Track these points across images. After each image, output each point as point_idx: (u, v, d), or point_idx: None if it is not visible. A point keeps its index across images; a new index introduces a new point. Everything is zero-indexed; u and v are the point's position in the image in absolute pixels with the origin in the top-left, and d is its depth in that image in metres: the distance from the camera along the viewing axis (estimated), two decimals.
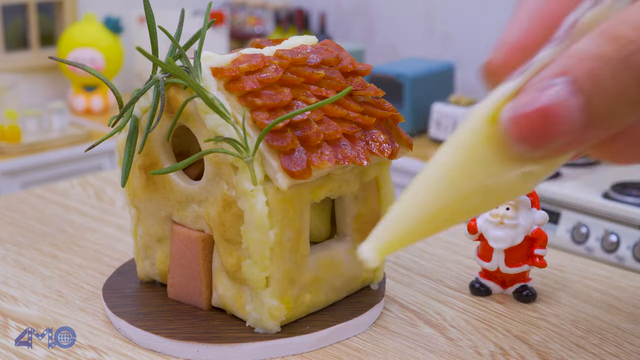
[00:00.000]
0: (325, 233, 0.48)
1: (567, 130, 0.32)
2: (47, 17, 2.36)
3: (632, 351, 0.44)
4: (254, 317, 0.44)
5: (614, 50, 0.31)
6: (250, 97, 0.42)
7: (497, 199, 0.34)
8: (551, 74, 0.32)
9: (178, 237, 0.47)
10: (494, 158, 0.33)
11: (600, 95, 0.31)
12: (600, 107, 0.31)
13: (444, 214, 0.34)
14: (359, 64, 0.48)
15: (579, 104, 0.31)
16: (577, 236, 1.37)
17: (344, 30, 2.51)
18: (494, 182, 0.34)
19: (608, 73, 0.31)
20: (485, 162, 0.33)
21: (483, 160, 0.33)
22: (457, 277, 0.53)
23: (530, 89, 0.32)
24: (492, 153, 0.33)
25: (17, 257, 0.57)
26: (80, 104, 2.22)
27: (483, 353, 0.44)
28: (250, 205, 0.42)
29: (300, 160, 0.42)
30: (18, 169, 1.88)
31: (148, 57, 0.41)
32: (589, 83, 0.31)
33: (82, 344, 0.45)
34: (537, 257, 0.49)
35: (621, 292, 0.51)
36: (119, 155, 0.47)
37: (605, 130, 0.33)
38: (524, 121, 0.32)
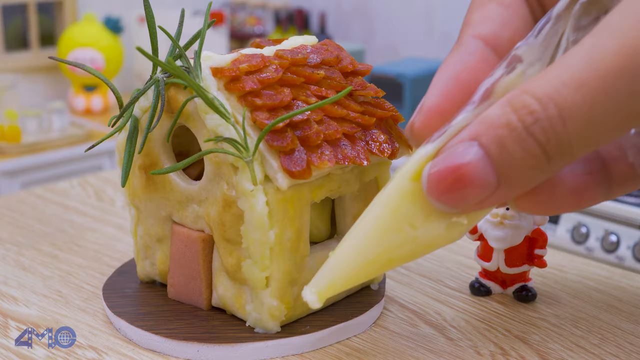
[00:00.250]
0: (325, 233, 0.48)
1: (479, 190, 0.35)
2: (47, 17, 2.36)
3: (632, 351, 0.44)
4: (254, 317, 0.44)
5: (518, 120, 0.33)
6: (250, 97, 0.42)
7: (427, 248, 0.38)
8: (463, 139, 0.35)
9: (178, 237, 0.47)
10: (418, 212, 0.37)
11: (507, 160, 0.34)
12: (508, 170, 0.34)
13: (378, 261, 0.38)
14: (359, 64, 0.48)
15: (488, 167, 0.34)
16: (577, 236, 1.37)
17: (344, 30, 2.51)
18: (422, 233, 0.37)
19: (513, 140, 0.33)
20: (411, 216, 0.37)
21: (409, 215, 0.37)
22: (457, 277, 0.53)
23: (446, 151, 0.35)
24: (416, 208, 0.37)
25: (17, 257, 0.57)
26: (80, 104, 2.22)
27: (483, 353, 0.44)
28: (250, 205, 0.42)
29: (300, 160, 0.42)
30: (18, 169, 1.88)
31: (148, 57, 0.41)
32: (495, 149, 0.34)
33: (82, 344, 0.45)
34: (537, 257, 0.49)
35: (621, 292, 0.51)
36: (119, 155, 0.47)
37: (517, 190, 0.36)
38: (439, 180, 0.35)
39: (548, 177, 0.35)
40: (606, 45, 0.32)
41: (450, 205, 0.36)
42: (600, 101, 0.32)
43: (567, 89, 0.32)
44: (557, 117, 0.32)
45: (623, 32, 0.31)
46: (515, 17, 0.39)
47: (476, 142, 0.34)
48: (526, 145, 0.33)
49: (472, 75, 0.38)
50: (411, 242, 0.37)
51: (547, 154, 0.34)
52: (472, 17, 0.39)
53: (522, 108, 0.33)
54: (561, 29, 0.37)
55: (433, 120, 0.37)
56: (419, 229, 0.37)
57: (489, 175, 0.34)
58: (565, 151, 0.33)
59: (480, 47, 0.38)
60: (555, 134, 0.33)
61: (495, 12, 0.39)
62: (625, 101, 0.32)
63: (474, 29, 0.39)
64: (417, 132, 0.38)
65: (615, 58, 0.31)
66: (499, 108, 0.34)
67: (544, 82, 0.33)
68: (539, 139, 0.33)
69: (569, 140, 0.33)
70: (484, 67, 0.38)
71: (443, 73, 0.38)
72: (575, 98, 0.32)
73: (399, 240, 0.37)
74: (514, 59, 0.37)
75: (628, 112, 0.32)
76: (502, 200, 0.36)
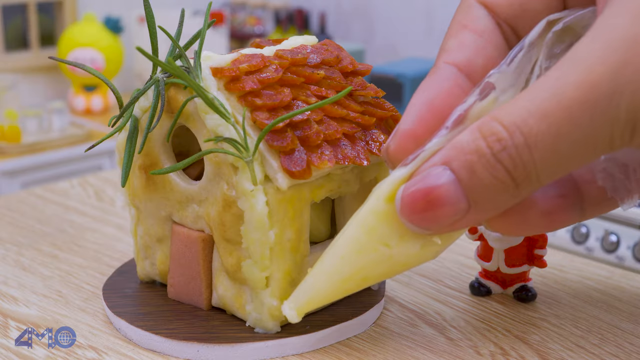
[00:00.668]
0: (325, 233, 0.48)
1: (450, 213, 0.36)
2: (47, 17, 2.36)
3: (632, 351, 0.44)
4: (254, 317, 0.44)
5: (486, 146, 0.34)
6: (250, 97, 0.42)
7: (403, 266, 0.39)
8: (435, 163, 0.36)
9: (178, 237, 0.47)
10: (393, 233, 0.38)
11: (477, 185, 0.35)
12: (478, 195, 0.36)
13: (355, 279, 0.40)
14: (359, 64, 0.48)
15: (458, 191, 0.36)
16: (577, 236, 1.37)
17: (344, 30, 2.51)
18: (397, 252, 0.39)
19: (482, 166, 0.35)
20: (386, 236, 0.38)
21: (384, 235, 0.38)
22: (457, 277, 0.53)
23: (419, 174, 0.37)
24: (391, 229, 0.38)
25: (17, 257, 0.57)
26: (80, 104, 2.22)
27: (483, 353, 0.44)
28: (250, 205, 0.42)
29: (300, 160, 0.42)
30: (18, 169, 1.88)
31: (148, 57, 0.41)
32: (465, 174, 0.35)
33: (82, 344, 0.45)
34: (537, 257, 0.49)
35: (621, 292, 0.51)
36: (119, 155, 0.47)
37: (488, 213, 0.37)
38: (412, 203, 0.37)
39: (518, 201, 0.36)
40: (570, 78, 0.33)
41: (423, 226, 0.37)
42: (565, 131, 0.33)
43: (533, 118, 0.33)
44: (523, 145, 0.34)
45: (587, 66, 0.33)
46: (489, 44, 0.40)
47: (447, 166, 0.36)
48: (494, 172, 0.35)
49: (446, 101, 0.39)
50: (387, 260, 0.39)
51: (514, 180, 0.35)
52: (447, 44, 0.40)
53: (490, 135, 0.34)
54: (534, 56, 0.39)
55: (407, 144, 0.38)
56: (393, 248, 0.39)
57: (459, 198, 0.36)
58: (532, 178, 0.35)
59: (454, 73, 0.39)
60: (522, 162, 0.34)
61: (469, 40, 0.40)
62: (588, 132, 0.33)
63: (449, 55, 0.40)
64: (392, 155, 0.39)
65: (578, 91, 0.33)
66: (470, 134, 0.35)
67: (511, 110, 0.34)
68: (507, 165, 0.34)
69: (535, 168, 0.34)
70: (458, 93, 0.39)
71: (417, 98, 0.39)
72: (541, 127, 0.33)
73: (374, 259, 0.39)
74: (486, 86, 0.38)
75: (591, 142, 0.33)
76: (475, 223, 0.37)
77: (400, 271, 0.40)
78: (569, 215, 0.40)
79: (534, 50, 0.38)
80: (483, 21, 0.40)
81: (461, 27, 0.40)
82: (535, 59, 0.38)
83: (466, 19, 0.40)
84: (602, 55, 0.33)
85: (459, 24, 0.40)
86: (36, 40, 2.29)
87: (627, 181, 0.39)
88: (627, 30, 0.33)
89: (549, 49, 0.38)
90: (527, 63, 0.38)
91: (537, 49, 0.38)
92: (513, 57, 0.38)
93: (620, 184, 0.39)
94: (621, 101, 0.32)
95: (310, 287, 0.40)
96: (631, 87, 0.32)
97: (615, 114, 0.33)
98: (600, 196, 0.40)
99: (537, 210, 0.39)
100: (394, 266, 0.39)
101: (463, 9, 0.41)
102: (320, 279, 0.40)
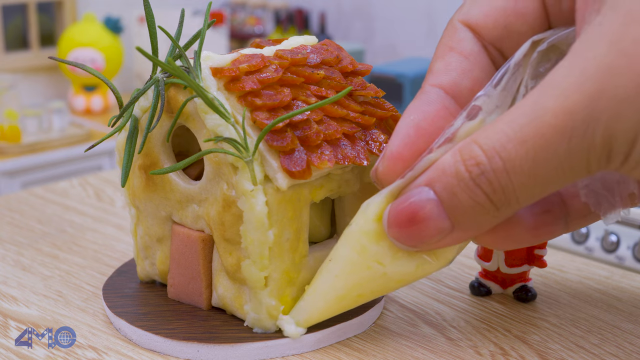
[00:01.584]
0: (325, 233, 0.48)
1: (434, 232, 0.37)
2: (47, 17, 2.36)
3: (632, 351, 0.44)
4: (252, 317, 0.44)
5: (465, 170, 0.35)
6: (250, 97, 0.42)
7: (398, 283, 0.41)
8: (419, 184, 0.37)
9: (178, 237, 0.47)
10: (385, 251, 0.40)
11: (458, 207, 0.36)
12: (459, 216, 0.37)
13: (350, 296, 0.41)
14: (359, 64, 0.48)
15: (441, 212, 0.37)
16: (577, 236, 1.37)
17: (344, 30, 2.51)
18: (390, 270, 0.40)
19: (462, 190, 0.36)
20: (379, 255, 0.40)
21: (377, 253, 0.40)
22: (457, 277, 0.53)
23: (404, 195, 0.38)
24: (382, 248, 0.40)
25: (17, 257, 0.57)
26: (80, 104, 2.22)
27: (483, 353, 0.44)
28: (250, 205, 0.42)
29: (300, 160, 0.42)
30: (18, 169, 1.88)
31: (148, 57, 0.41)
32: (447, 196, 0.36)
33: (82, 344, 0.45)
34: (537, 257, 0.49)
35: (621, 292, 0.51)
36: (119, 155, 0.47)
37: (472, 232, 0.38)
38: (397, 223, 0.38)
39: (500, 221, 0.37)
40: (547, 104, 0.33)
41: (409, 245, 0.39)
42: (542, 157, 0.34)
43: (512, 143, 0.34)
44: (502, 170, 0.34)
45: (563, 92, 0.33)
46: (475, 66, 0.40)
47: (430, 188, 0.37)
48: (473, 195, 0.36)
49: (432, 123, 0.39)
50: (381, 277, 0.40)
51: (494, 204, 0.36)
52: (434, 67, 0.41)
53: (469, 159, 0.35)
54: (520, 76, 0.39)
55: (395, 166, 0.39)
56: (387, 267, 0.40)
57: (442, 219, 0.37)
58: (511, 201, 0.35)
59: (440, 96, 0.40)
60: (500, 186, 0.35)
61: (455, 62, 0.40)
62: (565, 157, 0.33)
63: (435, 78, 0.40)
64: (381, 176, 0.40)
65: (554, 118, 0.33)
66: (451, 156, 0.36)
67: (491, 134, 0.35)
68: (485, 190, 0.35)
69: (514, 191, 0.35)
70: (444, 115, 0.40)
71: (404, 121, 0.40)
72: (519, 152, 0.34)
73: (369, 277, 0.41)
74: (473, 109, 0.38)
75: (568, 167, 0.34)
76: (461, 241, 0.38)
77: (395, 288, 0.41)
78: (554, 228, 0.40)
79: (519, 71, 0.39)
80: (468, 43, 0.40)
81: (447, 49, 0.41)
82: (521, 79, 0.39)
83: (452, 41, 0.41)
84: (578, 82, 0.33)
85: (445, 46, 0.41)
86: (36, 40, 2.29)
87: (611, 197, 0.39)
88: (602, 57, 0.33)
89: (534, 68, 0.39)
90: (513, 84, 0.39)
91: (523, 68, 0.39)
92: (499, 78, 0.39)
93: (604, 199, 0.39)
94: (597, 128, 0.33)
95: (308, 304, 0.43)
96: (606, 114, 0.32)
97: (591, 141, 0.33)
98: (584, 210, 0.40)
99: (523, 226, 0.39)
100: (389, 283, 0.41)
101: (449, 31, 0.41)
102: (317, 297, 0.42)
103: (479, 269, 0.51)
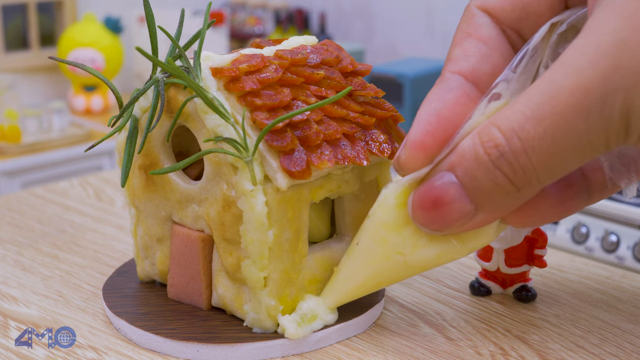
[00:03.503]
0: (325, 233, 0.48)
1: (458, 216, 0.38)
2: (47, 17, 2.36)
3: (632, 351, 0.44)
4: (252, 317, 0.44)
5: (484, 153, 0.36)
6: (250, 97, 0.42)
7: (419, 269, 0.42)
8: (442, 169, 0.38)
9: (178, 237, 0.47)
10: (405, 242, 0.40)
11: (479, 190, 0.36)
12: (482, 199, 0.37)
13: (369, 284, 0.43)
14: (359, 64, 0.48)
15: (463, 196, 0.37)
16: (577, 236, 1.37)
17: (344, 30, 2.51)
18: (411, 259, 0.41)
19: (482, 173, 0.36)
20: (399, 246, 0.41)
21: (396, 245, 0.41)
22: (457, 277, 0.53)
23: (427, 180, 0.39)
24: (403, 238, 0.40)
25: (17, 257, 0.57)
26: (80, 104, 2.22)
27: (483, 353, 0.44)
28: (250, 206, 0.42)
29: (300, 160, 0.42)
30: (18, 169, 1.88)
31: (148, 57, 0.41)
32: (467, 179, 0.37)
33: (82, 344, 0.45)
34: (537, 257, 0.49)
35: (621, 292, 0.51)
36: (119, 155, 0.47)
37: (497, 214, 0.38)
38: (421, 209, 0.39)
39: (523, 201, 0.37)
40: (563, 83, 0.34)
41: (435, 229, 0.39)
42: (561, 135, 0.34)
43: (530, 123, 0.34)
44: (521, 151, 0.35)
45: (578, 69, 0.33)
46: (494, 51, 0.40)
47: (452, 172, 0.37)
48: (494, 178, 0.36)
49: (453, 110, 0.39)
50: (401, 266, 0.41)
51: (515, 185, 0.36)
52: (452, 53, 0.41)
53: (488, 141, 0.35)
54: (539, 58, 0.39)
55: (417, 154, 0.39)
56: (407, 256, 0.41)
57: (465, 202, 0.37)
58: (533, 181, 0.35)
59: (460, 82, 0.40)
60: (520, 166, 0.35)
61: (474, 48, 0.40)
62: (584, 135, 0.34)
63: (454, 65, 0.40)
64: (403, 164, 0.40)
65: (571, 96, 0.33)
66: (470, 139, 0.36)
67: (508, 114, 0.35)
68: (506, 171, 0.35)
69: (535, 171, 0.35)
70: (465, 101, 0.40)
71: (425, 109, 0.40)
72: (538, 132, 0.34)
73: (389, 266, 0.42)
74: (493, 97, 0.38)
75: (587, 144, 0.34)
76: (487, 222, 0.39)
77: (416, 273, 0.42)
78: (577, 202, 0.41)
79: (537, 53, 0.39)
80: (486, 28, 0.40)
81: (466, 35, 0.41)
82: (540, 61, 0.39)
83: (470, 27, 0.41)
84: (592, 59, 0.33)
85: (463, 32, 0.41)
86: (36, 40, 2.29)
87: (627, 172, 0.40)
88: (615, 33, 0.33)
89: (553, 50, 0.39)
90: (532, 66, 0.39)
91: (542, 51, 0.39)
92: (518, 62, 0.39)
93: (622, 175, 0.40)
94: (614, 104, 0.33)
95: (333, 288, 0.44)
96: (622, 90, 0.33)
97: (609, 117, 0.33)
98: (605, 182, 0.41)
99: (548, 202, 0.40)
100: (410, 270, 0.42)
101: (466, 17, 0.41)
102: (338, 283, 0.44)
103: (479, 269, 0.51)
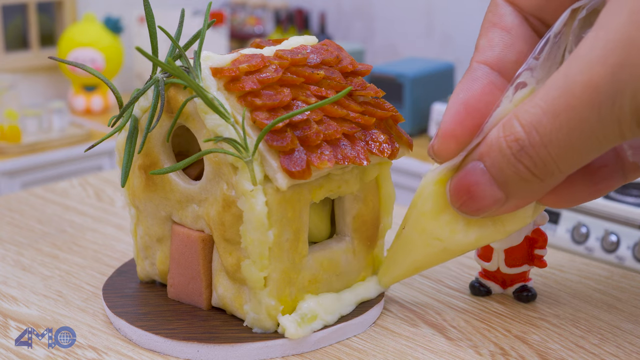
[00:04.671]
0: (325, 233, 0.48)
1: (490, 202, 0.40)
2: (47, 17, 2.36)
3: (632, 351, 0.44)
4: (252, 317, 0.44)
5: (507, 146, 0.37)
6: (250, 97, 0.42)
7: (459, 253, 0.44)
8: (474, 157, 0.40)
9: (178, 237, 0.47)
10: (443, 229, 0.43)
11: (506, 180, 0.38)
12: (510, 188, 0.39)
13: (419, 264, 0.45)
14: (359, 64, 0.48)
15: (493, 184, 0.39)
16: (577, 236, 1.37)
17: (344, 30, 2.50)
18: (449, 244, 0.43)
19: (506, 165, 0.38)
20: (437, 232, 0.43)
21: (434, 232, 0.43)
22: (457, 277, 0.53)
23: (461, 169, 0.41)
24: (440, 226, 0.43)
25: (17, 257, 0.57)
26: (80, 104, 2.22)
27: (483, 353, 0.44)
28: (250, 206, 0.42)
29: (300, 160, 0.42)
30: (18, 169, 1.88)
31: (148, 57, 0.41)
32: (495, 170, 0.39)
33: (82, 344, 0.45)
34: (537, 257, 0.49)
35: (621, 292, 0.51)
36: (119, 155, 0.47)
37: (527, 200, 0.40)
38: (457, 195, 0.41)
39: (551, 188, 0.39)
40: (576, 78, 0.34)
41: (471, 214, 0.41)
42: (576, 129, 0.35)
43: (546, 117, 0.35)
44: (539, 145, 0.36)
45: (588, 65, 0.34)
46: (517, 39, 0.41)
47: (481, 162, 0.39)
48: (517, 170, 0.37)
49: (480, 99, 0.41)
50: (441, 251, 0.44)
51: (537, 176, 0.37)
52: (479, 44, 0.42)
53: (510, 134, 0.37)
54: (563, 44, 0.40)
55: (449, 143, 0.41)
56: (445, 241, 0.43)
57: (495, 191, 0.39)
58: (554, 172, 0.37)
59: (486, 72, 0.41)
60: (540, 159, 0.36)
61: (498, 37, 0.42)
62: (597, 128, 0.35)
63: (480, 55, 0.42)
64: (437, 153, 0.42)
65: (583, 92, 0.34)
66: (496, 131, 0.38)
67: (528, 107, 0.36)
68: (527, 164, 0.37)
69: (554, 163, 0.36)
70: (491, 90, 0.41)
71: (453, 100, 0.42)
72: (554, 126, 0.35)
73: (429, 252, 0.44)
74: (518, 87, 0.40)
75: (602, 135, 0.35)
76: (520, 207, 0.40)
77: (458, 255, 0.45)
78: (613, 181, 0.42)
79: (561, 39, 0.39)
80: (509, 17, 0.41)
81: (490, 25, 0.42)
82: (564, 47, 0.39)
83: (494, 17, 0.42)
84: (601, 55, 0.34)
85: (488, 22, 0.42)
86: (36, 40, 2.29)
87: None
88: (623, 28, 0.33)
89: (576, 35, 0.39)
90: (556, 52, 0.39)
91: (565, 37, 0.39)
92: (540, 50, 0.39)
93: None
94: (624, 100, 0.33)
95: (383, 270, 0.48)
96: (631, 86, 0.33)
97: (620, 112, 0.34)
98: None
99: (584, 183, 0.41)
100: (449, 254, 0.44)
101: (491, 7, 0.42)
102: (385, 267, 0.47)
103: (479, 269, 0.51)
